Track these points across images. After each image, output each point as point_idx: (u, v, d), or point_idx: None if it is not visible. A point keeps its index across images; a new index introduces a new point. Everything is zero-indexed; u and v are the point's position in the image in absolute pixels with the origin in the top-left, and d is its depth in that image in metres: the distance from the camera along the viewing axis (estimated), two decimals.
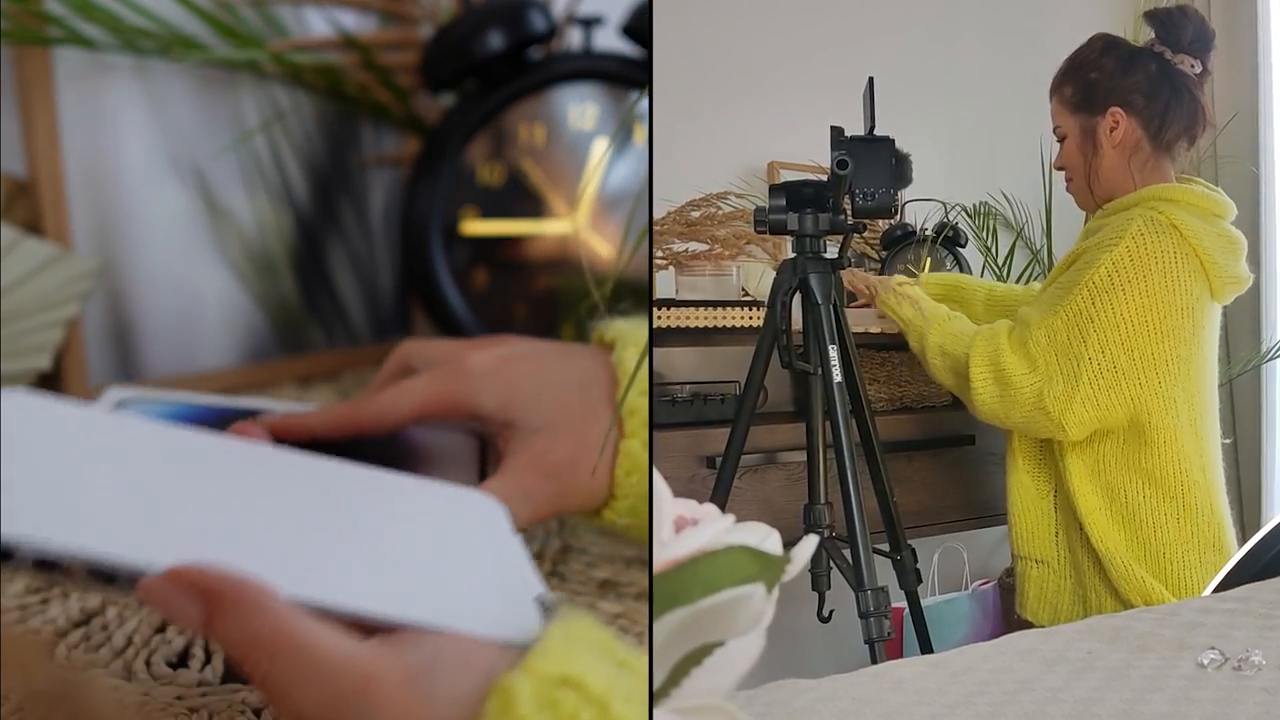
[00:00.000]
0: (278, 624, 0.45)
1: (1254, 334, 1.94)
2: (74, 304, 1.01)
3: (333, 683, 0.45)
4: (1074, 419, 1.16)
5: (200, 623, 0.46)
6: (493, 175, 1.08)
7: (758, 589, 0.40)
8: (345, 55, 1.14)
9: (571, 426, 0.66)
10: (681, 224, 1.44)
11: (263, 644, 0.45)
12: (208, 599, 0.46)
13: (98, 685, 0.66)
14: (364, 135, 1.20)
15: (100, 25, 1.03)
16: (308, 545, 0.52)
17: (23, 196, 1.03)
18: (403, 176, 1.21)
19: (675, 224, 1.44)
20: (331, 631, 0.46)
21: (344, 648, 0.46)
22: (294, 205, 1.16)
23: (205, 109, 1.10)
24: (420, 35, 1.18)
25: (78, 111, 1.03)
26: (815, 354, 1.17)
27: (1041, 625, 1.24)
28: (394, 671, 0.45)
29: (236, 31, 1.09)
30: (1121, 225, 1.18)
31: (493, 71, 1.07)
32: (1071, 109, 1.27)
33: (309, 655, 0.45)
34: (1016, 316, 1.24)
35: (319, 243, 1.18)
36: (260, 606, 0.46)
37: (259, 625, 0.45)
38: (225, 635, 0.46)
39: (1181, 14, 1.25)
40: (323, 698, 0.45)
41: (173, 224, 1.10)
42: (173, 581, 0.46)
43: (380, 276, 1.22)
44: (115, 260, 1.07)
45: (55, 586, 0.52)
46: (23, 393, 0.58)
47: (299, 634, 0.45)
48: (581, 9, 1.12)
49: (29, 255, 0.97)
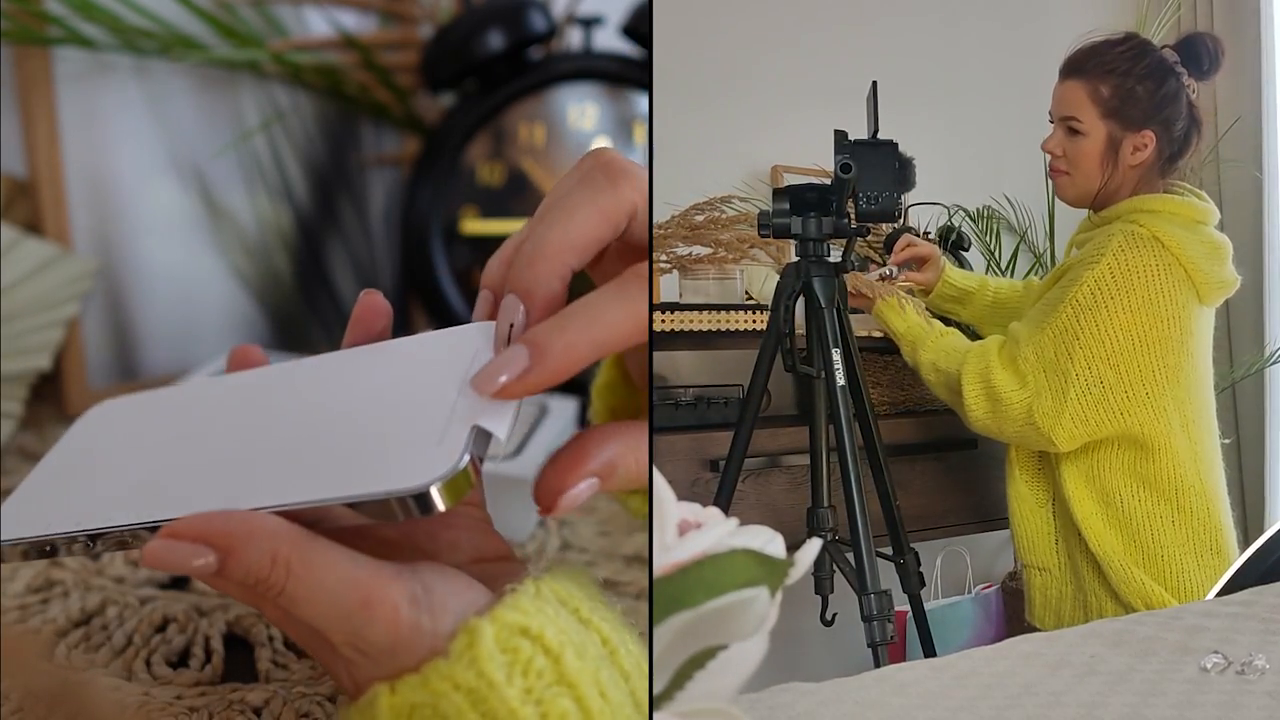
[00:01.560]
0: (293, 542, 0.48)
1: (1257, 337, 1.93)
2: (74, 304, 1.01)
3: (338, 597, 0.47)
4: (1063, 434, 1.17)
5: (218, 568, 0.48)
6: (493, 175, 1.08)
7: (761, 592, 0.40)
8: (345, 55, 1.14)
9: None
10: (685, 228, 1.43)
11: (280, 564, 0.47)
12: (219, 542, 0.47)
13: (98, 685, 0.65)
14: (364, 135, 1.20)
15: (100, 25, 1.03)
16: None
17: (23, 196, 1.03)
18: (403, 176, 1.21)
19: (679, 228, 1.43)
20: (333, 546, 0.49)
21: (347, 565, 0.48)
22: (294, 205, 1.16)
23: (205, 109, 1.10)
24: (420, 35, 1.17)
25: (78, 111, 1.03)
26: (818, 357, 1.16)
27: (1046, 630, 1.24)
28: (391, 593, 0.48)
29: (236, 31, 1.09)
30: (1103, 241, 1.18)
31: (493, 71, 1.06)
32: (1103, 112, 1.25)
33: (316, 572, 0.48)
34: (1007, 332, 1.24)
35: (319, 243, 1.17)
36: (272, 532, 0.48)
37: (276, 548, 0.47)
38: (243, 570, 0.47)
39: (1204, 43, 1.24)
40: (331, 611, 0.48)
41: (173, 224, 1.10)
42: (177, 538, 0.48)
43: (380, 276, 1.22)
44: (115, 260, 1.07)
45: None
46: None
47: (307, 553, 0.48)
48: (581, 9, 1.11)
49: (29, 255, 0.97)
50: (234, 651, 0.71)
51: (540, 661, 0.48)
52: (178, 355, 1.11)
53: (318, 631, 0.50)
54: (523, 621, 0.49)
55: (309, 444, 0.53)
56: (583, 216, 0.53)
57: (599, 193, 0.54)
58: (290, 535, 0.48)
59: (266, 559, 0.48)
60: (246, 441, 0.56)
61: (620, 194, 0.54)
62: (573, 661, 0.49)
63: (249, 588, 0.48)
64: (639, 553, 0.86)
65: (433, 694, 0.48)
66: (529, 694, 0.48)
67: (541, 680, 0.48)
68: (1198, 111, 1.24)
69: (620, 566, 0.84)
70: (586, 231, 0.53)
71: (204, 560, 0.48)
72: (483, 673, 0.47)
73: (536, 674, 0.48)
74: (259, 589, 0.48)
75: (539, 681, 0.48)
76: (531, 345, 0.49)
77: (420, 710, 0.48)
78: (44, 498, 0.59)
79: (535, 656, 0.49)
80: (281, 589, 0.48)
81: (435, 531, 0.57)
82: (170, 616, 0.73)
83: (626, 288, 0.51)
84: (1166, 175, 1.25)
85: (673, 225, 1.42)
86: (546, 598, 0.51)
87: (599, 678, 0.49)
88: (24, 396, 1.01)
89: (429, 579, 0.50)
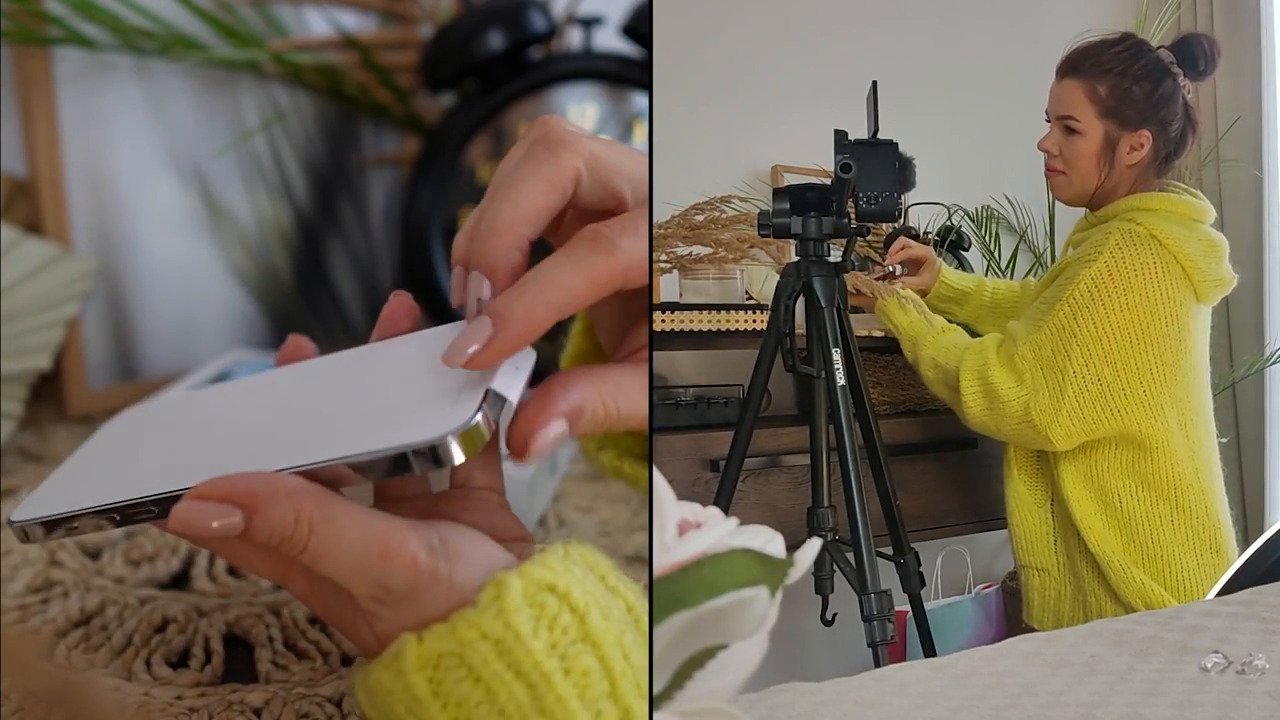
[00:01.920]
0: (315, 500, 0.50)
1: (1257, 337, 1.93)
2: (74, 304, 1.01)
3: (357, 549, 0.49)
4: (1060, 432, 1.17)
5: (243, 527, 0.50)
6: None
7: (761, 592, 0.40)
8: (345, 55, 1.14)
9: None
10: (686, 228, 1.43)
11: (303, 521, 0.49)
12: (244, 501, 0.50)
13: (98, 685, 0.65)
14: (364, 135, 1.20)
15: (100, 25, 1.03)
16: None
17: (23, 196, 1.03)
18: (403, 176, 1.21)
19: (679, 227, 1.43)
20: (350, 505, 0.51)
21: (364, 519, 0.50)
22: (294, 205, 1.16)
23: (205, 109, 1.10)
24: (420, 35, 1.17)
25: (78, 111, 1.03)
26: (818, 357, 1.16)
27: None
28: (409, 544, 0.50)
29: (236, 31, 1.09)
30: (1100, 240, 1.18)
31: (493, 71, 1.06)
32: (1100, 111, 1.26)
33: (339, 526, 0.50)
34: (1005, 330, 1.24)
35: (319, 242, 1.17)
36: (295, 490, 0.50)
37: (299, 504, 0.49)
38: (268, 528, 0.50)
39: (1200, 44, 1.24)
40: (353, 562, 0.49)
41: (172, 224, 1.09)
42: (203, 499, 0.50)
43: (380, 276, 1.22)
44: (115, 260, 1.07)
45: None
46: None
47: (326, 510, 0.50)
48: (581, 9, 1.11)
49: (29, 255, 0.97)
50: (234, 652, 0.71)
51: (566, 618, 0.50)
52: (178, 355, 1.11)
53: (338, 590, 0.52)
54: (550, 579, 0.50)
55: (330, 413, 0.56)
56: (529, 188, 0.56)
57: (540, 164, 0.56)
58: (311, 493, 0.50)
59: (290, 516, 0.49)
60: (269, 420, 0.59)
61: (561, 162, 0.56)
62: (598, 621, 0.50)
63: (272, 548, 0.50)
64: (639, 552, 0.86)
65: (460, 643, 0.49)
66: (554, 648, 0.49)
67: (566, 636, 0.49)
68: (1194, 112, 1.25)
69: (620, 566, 0.84)
70: (534, 201, 0.56)
71: (231, 520, 0.49)
72: (509, 624, 0.48)
73: (562, 630, 0.49)
74: (283, 547, 0.50)
75: (564, 637, 0.49)
76: (493, 315, 0.52)
77: (447, 659, 0.49)
78: (68, 487, 0.61)
79: (561, 613, 0.50)
80: (305, 545, 0.50)
81: (455, 513, 0.59)
82: (170, 617, 0.73)
83: (575, 250, 0.54)
84: (1162, 175, 1.25)
85: (673, 225, 1.42)
86: (575, 560, 0.53)
87: (623, 640, 0.50)
88: (24, 396, 1.01)
89: (444, 530, 0.52)
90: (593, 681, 0.49)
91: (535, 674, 0.48)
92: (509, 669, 0.48)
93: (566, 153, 0.56)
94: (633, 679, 0.49)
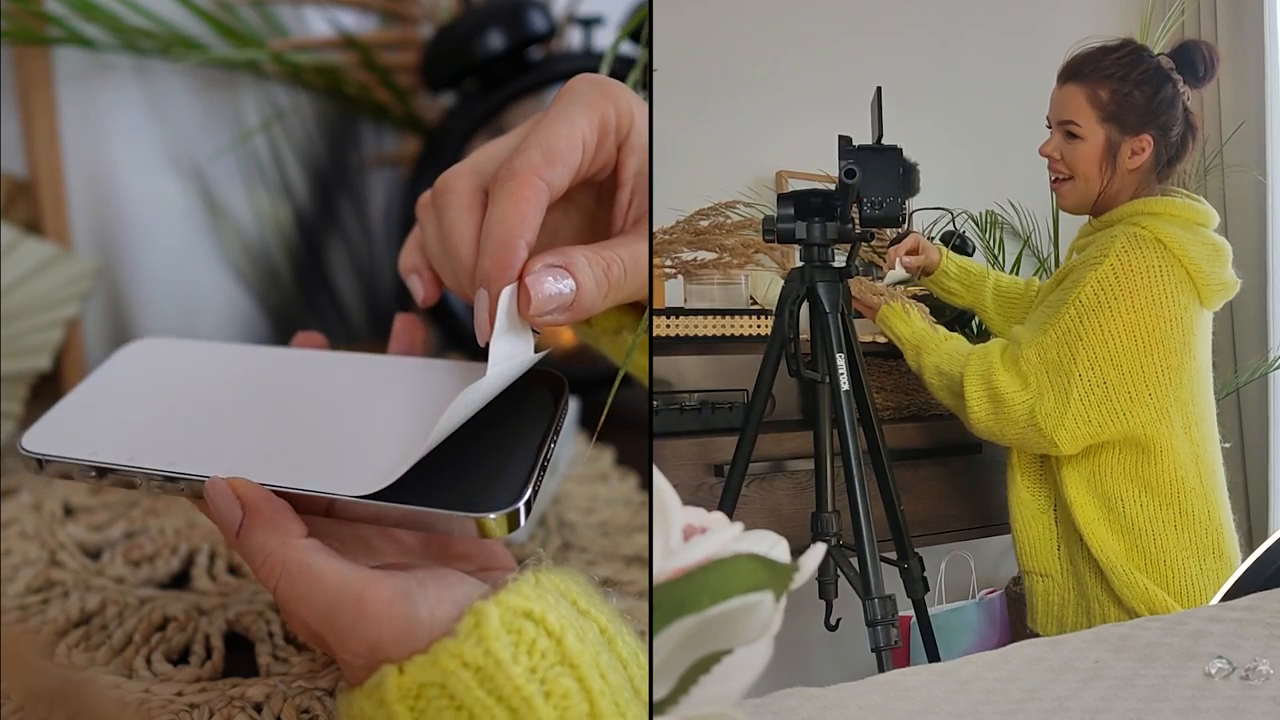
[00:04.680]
0: (288, 548, 0.52)
1: (1261, 342, 1.93)
2: (74, 304, 1.01)
3: (331, 597, 0.52)
4: (1066, 435, 1.17)
5: (236, 529, 0.53)
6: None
7: (766, 597, 0.40)
8: (345, 55, 1.14)
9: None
10: (690, 233, 1.43)
11: (275, 562, 0.52)
12: (247, 508, 0.53)
13: (98, 684, 0.66)
14: (364, 135, 1.20)
15: (100, 25, 1.02)
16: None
17: (23, 196, 1.03)
18: (403, 176, 1.21)
19: (684, 233, 1.43)
20: (332, 557, 0.53)
21: (342, 570, 0.52)
22: (294, 205, 1.15)
23: (205, 109, 1.10)
24: (420, 35, 1.17)
25: (78, 111, 1.03)
26: (823, 362, 1.16)
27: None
28: (384, 591, 0.51)
29: (236, 31, 1.09)
30: (1105, 243, 1.18)
31: (493, 71, 1.06)
32: (1101, 116, 1.26)
33: (312, 576, 0.52)
34: (1010, 335, 1.24)
35: (319, 242, 1.17)
36: (281, 529, 0.53)
37: (275, 545, 0.53)
38: (249, 546, 0.53)
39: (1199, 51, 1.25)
40: (322, 609, 0.52)
41: (172, 223, 1.09)
42: (227, 488, 0.54)
43: (380, 276, 1.22)
44: (115, 260, 1.07)
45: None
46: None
47: (306, 558, 0.52)
48: (581, 9, 1.11)
49: (29, 255, 0.97)
50: (234, 649, 0.71)
51: (544, 643, 0.51)
52: None
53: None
54: (526, 605, 0.52)
55: (364, 441, 0.58)
56: (504, 208, 0.58)
57: (501, 185, 0.59)
58: (291, 541, 0.53)
59: (264, 552, 0.53)
60: (287, 427, 0.60)
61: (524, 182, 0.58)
62: (574, 644, 0.51)
63: (252, 569, 0.53)
64: (639, 553, 0.86)
65: (441, 672, 0.50)
66: (534, 673, 0.50)
67: (545, 660, 0.50)
68: (1194, 118, 1.25)
69: (620, 566, 0.84)
70: (528, 212, 0.58)
71: (233, 516, 0.54)
72: (490, 651, 0.50)
73: (540, 654, 0.50)
74: (258, 576, 0.53)
75: (543, 661, 0.50)
76: (567, 265, 0.57)
77: (428, 690, 0.50)
78: (89, 420, 0.62)
79: (539, 638, 0.51)
80: (275, 584, 0.53)
81: (449, 542, 0.62)
82: (170, 616, 0.73)
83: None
84: (1164, 180, 1.25)
85: (677, 230, 1.42)
86: (546, 586, 0.54)
87: (599, 661, 0.51)
88: (24, 396, 1.00)
89: (422, 575, 0.53)
90: (573, 703, 0.50)
91: (516, 699, 0.49)
92: (490, 695, 0.49)
93: (526, 166, 0.59)
94: (611, 698, 0.50)
